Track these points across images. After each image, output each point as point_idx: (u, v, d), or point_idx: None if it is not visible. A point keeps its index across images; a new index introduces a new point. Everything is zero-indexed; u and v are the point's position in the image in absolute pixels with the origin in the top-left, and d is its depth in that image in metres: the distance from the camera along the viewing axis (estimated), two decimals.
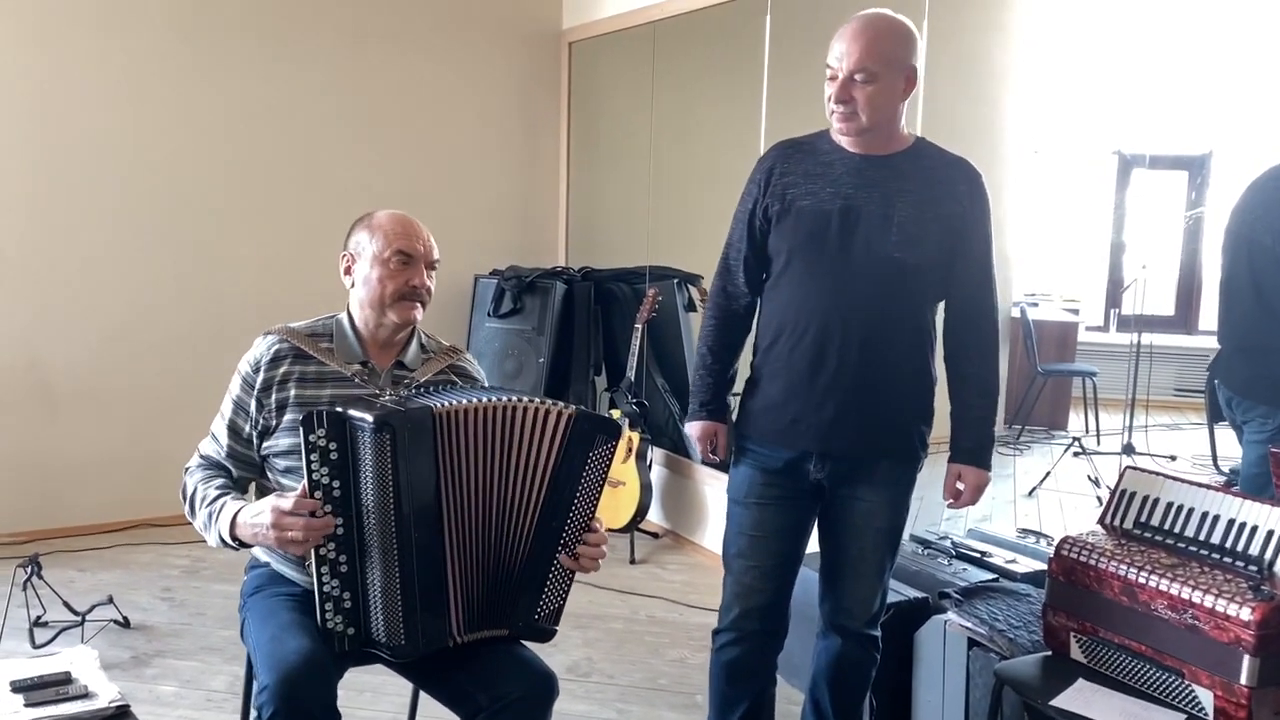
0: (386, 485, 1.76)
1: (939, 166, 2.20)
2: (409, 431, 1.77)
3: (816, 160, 2.22)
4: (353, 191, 4.70)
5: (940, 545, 3.14)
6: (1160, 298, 5.78)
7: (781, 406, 2.24)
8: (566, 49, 5.08)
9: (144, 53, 4.26)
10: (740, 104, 4.07)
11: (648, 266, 4.62)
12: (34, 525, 4.20)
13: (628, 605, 3.76)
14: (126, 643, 3.28)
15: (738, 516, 2.35)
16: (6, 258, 4.11)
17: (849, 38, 2.09)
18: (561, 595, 1.94)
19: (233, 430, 2.02)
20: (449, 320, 4.94)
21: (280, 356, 2.01)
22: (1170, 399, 5.66)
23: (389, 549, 1.78)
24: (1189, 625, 1.98)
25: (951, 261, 2.20)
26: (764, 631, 2.35)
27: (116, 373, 4.31)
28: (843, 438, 2.20)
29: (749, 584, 2.32)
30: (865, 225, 2.15)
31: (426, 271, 2.06)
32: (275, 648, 1.81)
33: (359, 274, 2.05)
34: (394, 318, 2.04)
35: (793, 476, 2.27)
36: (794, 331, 2.21)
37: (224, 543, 1.90)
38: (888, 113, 2.13)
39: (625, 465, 4.25)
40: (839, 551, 2.33)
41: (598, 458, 1.88)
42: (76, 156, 4.19)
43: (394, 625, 1.80)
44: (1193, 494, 2.20)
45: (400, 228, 2.05)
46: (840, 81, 2.10)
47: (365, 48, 4.70)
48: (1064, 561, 2.24)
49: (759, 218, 2.27)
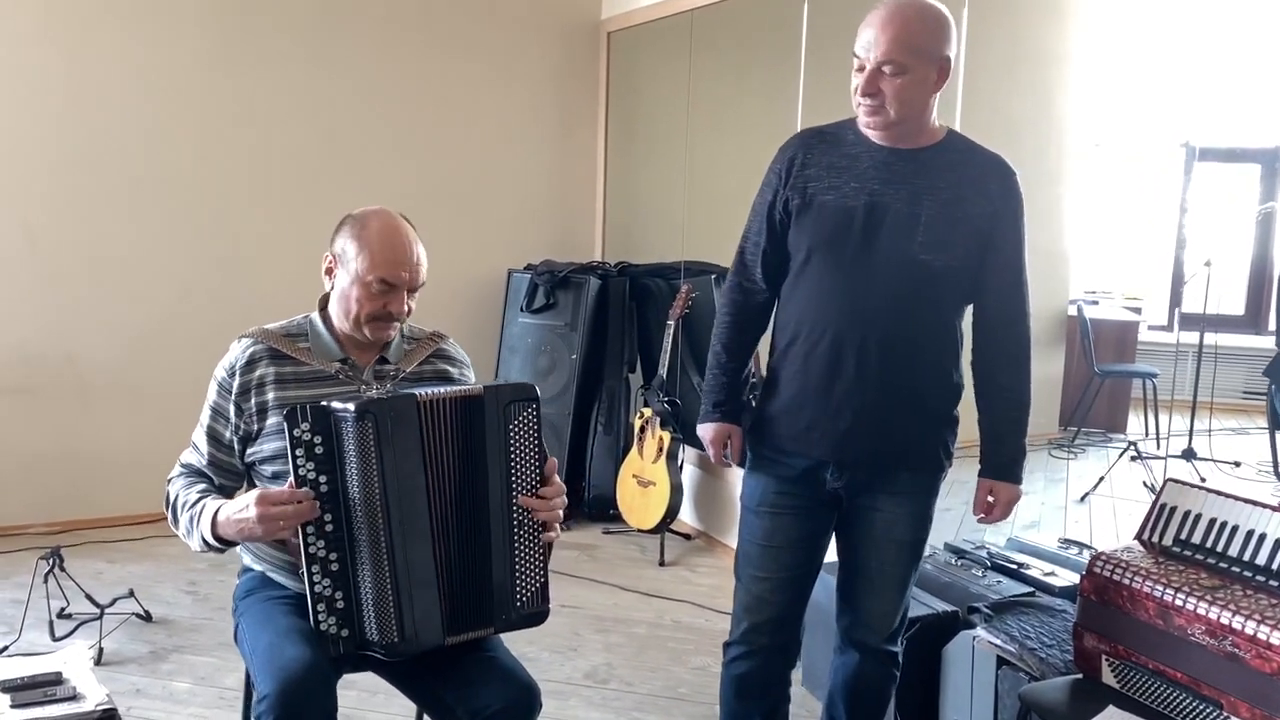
0: (371, 475, 1.73)
1: (971, 163, 2.06)
2: (392, 419, 1.74)
3: (841, 152, 2.09)
4: (387, 186, 4.67)
5: (975, 556, 3.00)
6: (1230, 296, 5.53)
7: (796, 412, 2.12)
8: (605, 39, 4.99)
9: (178, 49, 4.26)
10: (777, 95, 3.95)
11: (683, 262, 4.52)
12: (67, 516, 4.24)
13: (653, 609, 3.66)
14: (146, 636, 3.28)
15: (750, 525, 2.24)
16: (42, 252, 4.15)
17: (877, 25, 1.94)
18: (538, 572, 1.88)
19: (213, 437, 1.97)
20: (482, 315, 4.90)
21: (256, 359, 1.95)
22: (1237, 402, 5.41)
23: (377, 542, 1.74)
24: (1228, 653, 1.84)
25: (981, 264, 2.06)
26: (774, 647, 2.24)
27: (150, 366, 4.33)
28: (859, 447, 2.09)
29: (759, 596, 2.22)
30: (891, 224, 2.02)
31: (408, 296, 1.95)
32: (274, 655, 1.77)
33: (339, 282, 1.97)
34: (368, 334, 1.97)
35: (809, 485, 2.16)
36: (811, 334, 2.09)
37: (207, 545, 1.85)
38: (918, 106, 1.99)
39: (656, 465, 4.15)
40: (858, 564, 2.21)
41: (521, 424, 1.83)
42: (111, 152, 4.21)
43: (387, 622, 1.76)
44: (1238, 510, 2.05)
45: (390, 253, 1.91)
46: (867, 73, 1.96)
47: (400, 40, 4.66)
48: (1096, 580, 2.10)
49: (779, 210, 2.14)
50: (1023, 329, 2.14)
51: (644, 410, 4.26)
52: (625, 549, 4.28)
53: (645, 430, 4.23)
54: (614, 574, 3.98)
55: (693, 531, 4.45)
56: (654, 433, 4.18)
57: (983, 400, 2.18)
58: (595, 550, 4.25)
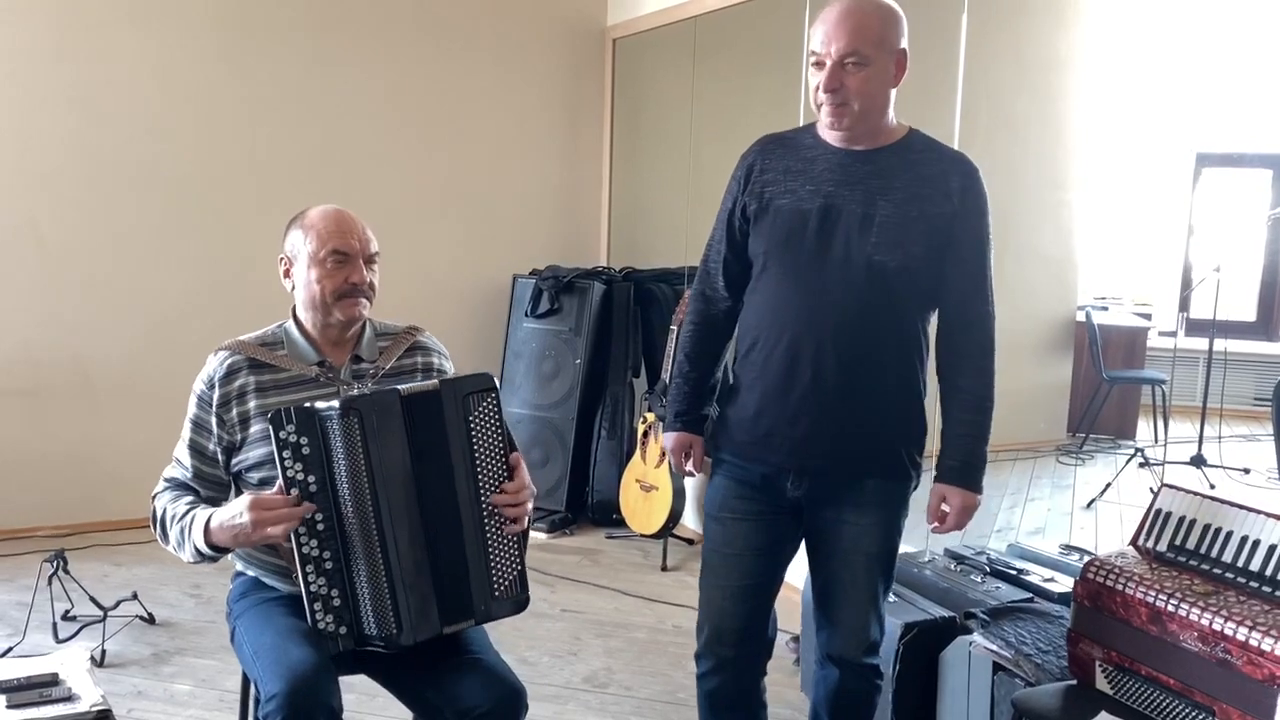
0: (360, 470, 1.75)
1: (930, 161, 2.03)
2: (376, 414, 1.76)
3: (798, 156, 2.08)
4: (394, 191, 4.70)
5: (975, 561, 2.99)
6: (1241, 302, 5.50)
7: (755, 418, 2.09)
8: (610, 45, 5.01)
9: (186, 49, 4.30)
10: (780, 101, 3.95)
11: (686, 267, 4.53)
12: (75, 518, 4.27)
13: (654, 613, 3.66)
14: (149, 639, 3.30)
15: (711, 532, 2.22)
16: (50, 254, 4.18)
17: (833, 21, 1.93)
18: (514, 562, 1.88)
19: (196, 450, 1.98)
20: (487, 320, 4.92)
21: (235, 370, 1.97)
22: (1247, 408, 5.39)
23: (370, 536, 1.76)
24: (1220, 659, 1.83)
25: (941, 265, 2.03)
26: (740, 659, 2.20)
27: (157, 368, 4.35)
28: (818, 454, 2.05)
29: (719, 605, 2.18)
30: (845, 225, 2.00)
31: (366, 267, 1.98)
32: (280, 655, 1.78)
33: (297, 277, 2.01)
34: (339, 315, 1.98)
35: (768, 492, 2.12)
36: (768, 339, 2.07)
37: (199, 554, 1.86)
38: (880, 101, 1.98)
39: (659, 470, 4.16)
40: (829, 579, 2.17)
41: (481, 415, 1.84)
42: (119, 156, 4.24)
43: (384, 614, 1.77)
44: (1233, 516, 2.04)
45: (334, 225, 1.97)
46: (829, 69, 1.94)
47: (407, 45, 4.68)
48: (1090, 585, 2.10)
49: (738, 217, 2.14)
50: (984, 331, 2.08)
51: (647, 415, 4.26)
52: (628, 554, 4.28)
53: (648, 435, 4.23)
54: (616, 579, 3.98)
55: (695, 536, 4.45)
56: (657, 437, 4.18)
57: (943, 403, 2.13)
58: (598, 555, 4.26)
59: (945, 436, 2.13)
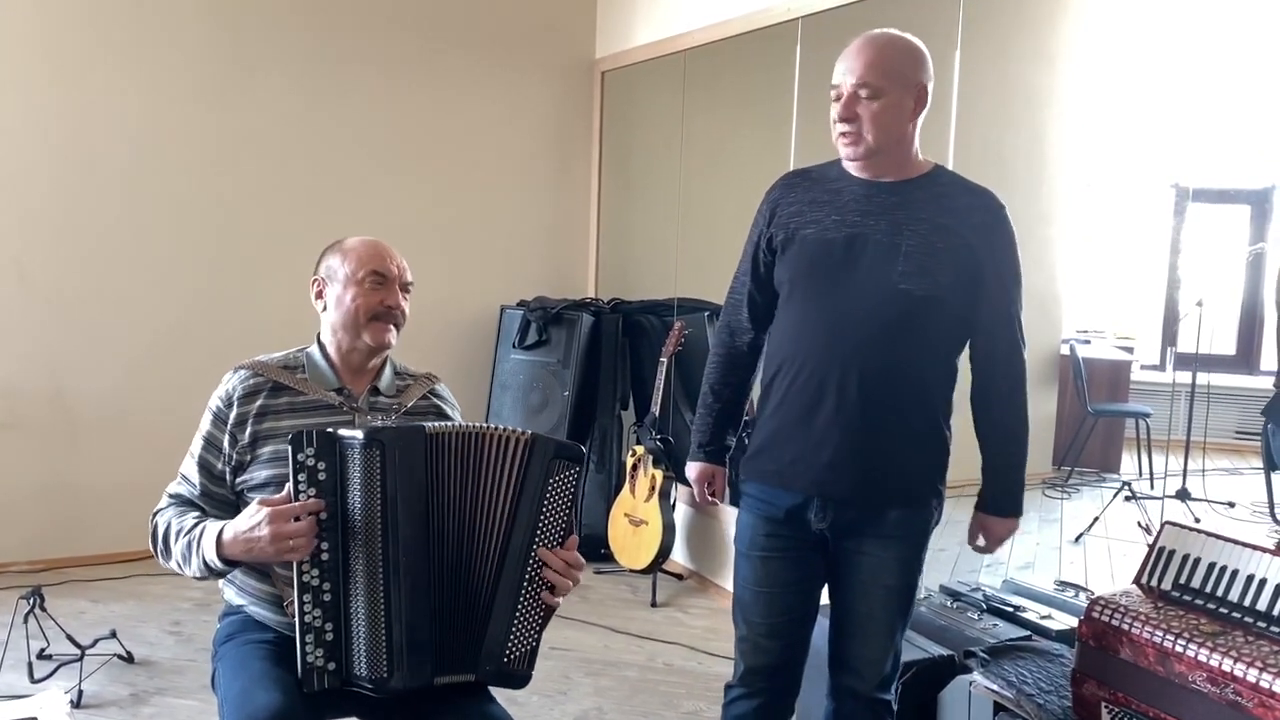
0: (375, 504, 1.71)
1: (956, 194, 2.05)
2: (400, 449, 1.72)
3: (823, 189, 2.10)
4: (381, 222, 4.66)
5: (971, 598, 2.96)
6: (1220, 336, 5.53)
7: (780, 446, 2.10)
8: (599, 79, 5.01)
9: (173, 81, 4.27)
10: (771, 134, 3.96)
11: (676, 299, 4.51)
12: (52, 553, 4.18)
13: (644, 651, 3.61)
14: (127, 679, 3.21)
15: (743, 569, 2.22)
16: (33, 285, 4.12)
17: (852, 54, 1.97)
18: (534, 633, 1.83)
19: (205, 468, 1.94)
20: (474, 351, 4.88)
21: (254, 390, 1.94)
22: (1230, 441, 5.40)
23: (374, 573, 1.71)
24: (1231, 701, 1.80)
25: (971, 298, 2.04)
26: (773, 690, 2.21)
27: (139, 401, 4.29)
28: (842, 483, 2.05)
29: (754, 642, 2.19)
30: (871, 254, 2.01)
31: (401, 293, 2.01)
32: (244, 702, 1.73)
33: (331, 296, 2.00)
34: (368, 339, 1.98)
35: (795, 526, 2.12)
36: (792, 366, 2.08)
37: (207, 567, 1.81)
38: (896, 133, 1.99)
39: (649, 504, 4.11)
40: (845, 610, 2.17)
41: (559, 482, 1.80)
42: (102, 187, 4.19)
43: (377, 656, 1.71)
44: (1238, 554, 2.02)
45: (374, 250, 2.00)
46: (845, 98, 1.97)
47: (397, 77, 4.67)
48: (1095, 625, 2.07)
49: (763, 250, 2.16)
50: (1015, 365, 2.11)
51: (636, 448, 4.22)
52: (616, 589, 4.23)
53: (638, 468, 4.19)
54: (605, 615, 3.92)
55: (685, 572, 4.40)
56: (646, 471, 4.15)
57: (979, 435, 2.16)
58: (586, 591, 4.20)
59: (983, 466, 2.17)
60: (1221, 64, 4.93)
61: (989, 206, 2.05)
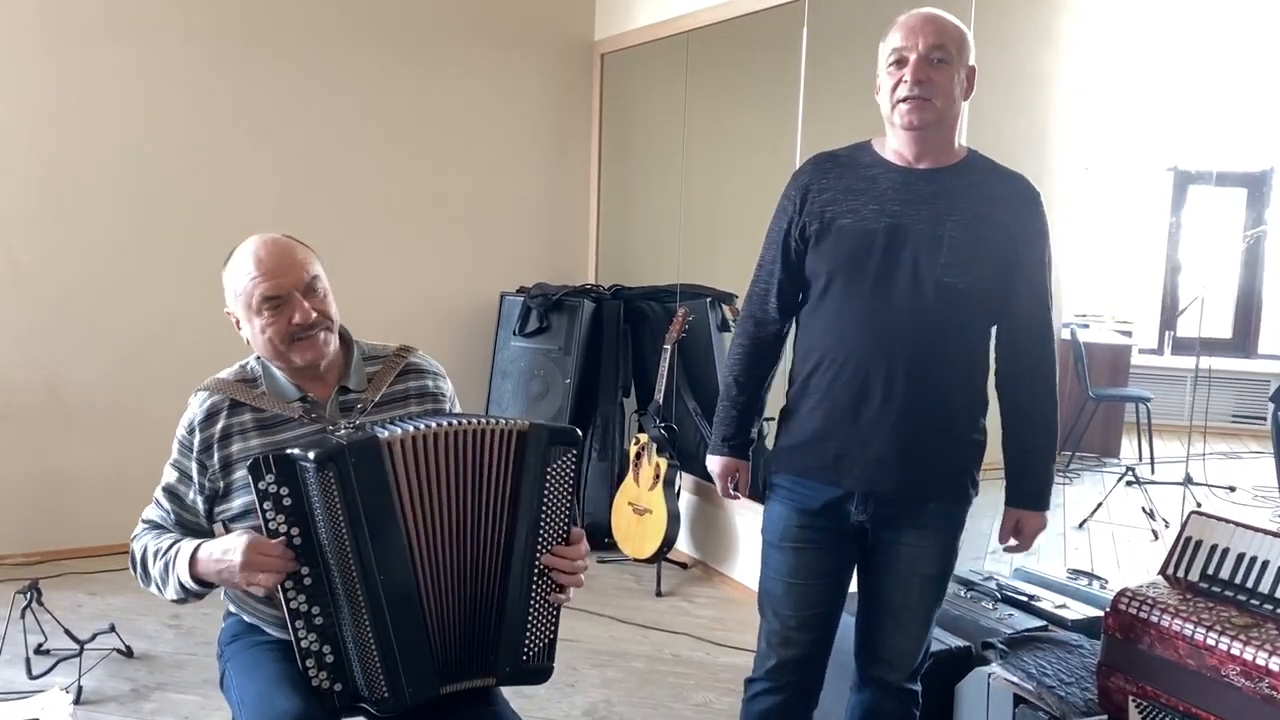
0: (340, 526, 1.62)
1: (993, 182, 2.01)
2: (354, 465, 1.62)
3: (858, 174, 2.03)
4: (379, 208, 4.61)
5: (985, 587, 2.93)
6: (1218, 320, 5.52)
7: (823, 442, 2.05)
8: (599, 61, 4.94)
9: (166, 68, 4.18)
10: (776, 117, 3.90)
11: (678, 284, 4.46)
12: (48, 545, 4.12)
13: (651, 642, 3.57)
14: (127, 673, 3.16)
15: (773, 560, 2.17)
16: (26, 275, 4.05)
17: (920, 20, 1.93)
18: (549, 627, 1.78)
19: (174, 496, 1.84)
20: (474, 339, 4.83)
21: (214, 412, 1.81)
22: (1228, 426, 5.40)
23: (354, 593, 1.63)
24: (1266, 695, 1.77)
25: (1005, 286, 2.00)
26: (798, 685, 2.18)
27: (134, 392, 4.22)
28: (890, 478, 2.01)
29: (784, 634, 2.15)
30: (913, 246, 1.96)
31: (308, 298, 1.79)
32: (264, 705, 1.68)
33: (245, 330, 1.84)
34: (298, 360, 1.81)
35: (832, 518, 2.08)
36: (834, 360, 2.02)
37: (183, 589, 1.75)
38: (955, 109, 1.96)
39: (652, 493, 4.07)
40: (880, 599, 2.14)
41: (558, 470, 1.74)
42: (96, 174, 4.12)
43: (374, 677, 1.65)
44: (1267, 544, 1.99)
45: (255, 268, 1.77)
46: (916, 61, 1.90)
47: (394, 61, 4.59)
48: (1122, 617, 2.04)
49: (795, 238, 2.08)
50: (1049, 354, 2.08)
51: (640, 436, 4.18)
52: (620, 579, 4.19)
53: (641, 456, 4.15)
54: (610, 605, 3.88)
55: (690, 560, 4.37)
56: (650, 459, 4.10)
57: (1009, 427, 2.11)
58: (590, 580, 4.09)
59: (1015, 461, 2.11)
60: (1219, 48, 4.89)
61: (1026, 194, 2.02)
